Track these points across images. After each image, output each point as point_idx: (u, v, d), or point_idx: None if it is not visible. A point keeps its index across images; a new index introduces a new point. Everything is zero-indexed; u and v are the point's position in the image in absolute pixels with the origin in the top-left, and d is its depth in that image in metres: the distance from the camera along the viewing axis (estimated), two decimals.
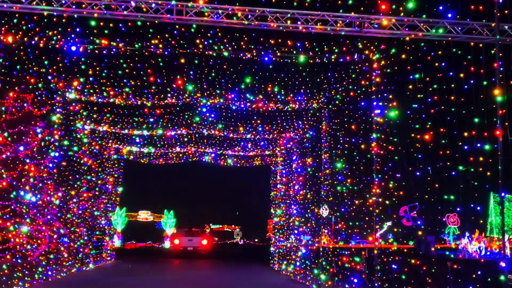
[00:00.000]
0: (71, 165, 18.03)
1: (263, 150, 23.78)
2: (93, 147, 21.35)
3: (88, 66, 12.39)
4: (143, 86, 13.42)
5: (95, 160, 21.61)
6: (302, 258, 18.53)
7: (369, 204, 11.57)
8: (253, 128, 18.06)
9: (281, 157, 23.59)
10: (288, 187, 21.75)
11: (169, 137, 20.93)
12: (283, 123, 17.49)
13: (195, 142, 22.55)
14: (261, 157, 26.09)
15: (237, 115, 17.10)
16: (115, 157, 25.50)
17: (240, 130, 18.48)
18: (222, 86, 13.38)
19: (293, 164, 20.78)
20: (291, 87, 13.15)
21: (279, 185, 25.25)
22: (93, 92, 14.29)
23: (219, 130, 19.34)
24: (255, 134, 19.37)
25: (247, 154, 25.24)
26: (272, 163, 26.76)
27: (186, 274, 21.49)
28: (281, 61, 11.58)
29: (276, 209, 25.60)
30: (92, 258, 22.19)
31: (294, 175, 20.40)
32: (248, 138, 20.92)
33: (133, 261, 27.67)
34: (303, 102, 15.02)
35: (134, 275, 19.55)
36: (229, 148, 23.14)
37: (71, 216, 18.15)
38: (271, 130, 18.63)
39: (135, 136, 21.09)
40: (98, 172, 22.10)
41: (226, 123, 17.62)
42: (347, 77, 12.61)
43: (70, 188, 18.10)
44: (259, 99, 14.28)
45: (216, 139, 21.58)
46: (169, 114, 17.04)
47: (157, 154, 25.99)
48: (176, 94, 14.47)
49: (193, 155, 26.66)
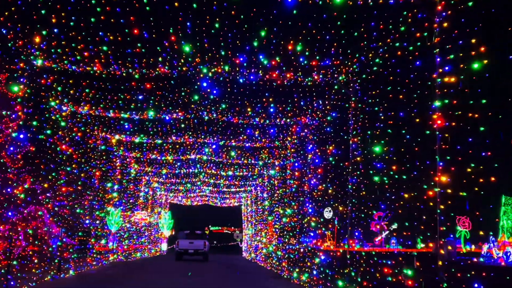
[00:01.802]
0: (43, 151, 14.92)
1: (272, 141, 20.67)
2: (74, 134, 18.23)
3: (50, 12, 9.30)
4: (125, 43, 10.35)
5: (77, 149, 18.49)
6: (321, 266, 15.43)
7: (428, 198, 8.48)
8: (263, 108, 14.97)
9: (292, 148, 20.49)
10: (302, 182, 18.66)
11: (163, 121, 17.81)
12: (300, 101, 14.39)
13: (194, 130, 19.44)
14: (269, 149, 22.99)
15: (245, 91, 14.01)
16: (103, 148, 22.41)
17: (248, 112, 15.38)
18: (228, 44, 10.32)
19: (308, 154, 17.69)
20: (319, 44, 10.08)
21: (289, 181, 22.17)
22: (62, 53, 11.18)
23: (222, 113, 16.24)
24: (265, 118, 16.27)
25: (253, 145, 22.14)
26: (281, 156, 23.66)
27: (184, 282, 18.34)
28: (310, 2, 8.53)
29: (286, 208, 22.50)
30: (73, 263, 19.04)
31: (310, 168, 17.33)
32: (255, 124, 17.82)
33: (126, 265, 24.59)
34: (329, 71, 11.93)
35: (121, 284, 16.43)
36: (233, 137, 20.04)
37: (42, 214, 15.03)
38: (284, 112, 15.53)
39: (123, 121, 17.99)
40: (80, 163, 18.97)
41: (230, 102, 14.54)
42: (394, 30, 9.54)
43: (42, 179, 15.00)
44: (275, 64, 11.22)
45: (218, 126, 18.46)
46: (162, 89, 13.95)
47: (151, 145, 22.89)
48: (169, 59, 11.41)
49: (191, 147, 23.58)
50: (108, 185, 24.25)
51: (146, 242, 39.97)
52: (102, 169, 22.95)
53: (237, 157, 24.19)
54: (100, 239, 23.72)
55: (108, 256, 25.64)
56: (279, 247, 23.78)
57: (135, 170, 30.47)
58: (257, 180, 33.52)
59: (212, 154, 24.58)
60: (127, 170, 28.63)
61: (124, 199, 29.17)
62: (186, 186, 38.01)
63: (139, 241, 37.00)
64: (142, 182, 34.69)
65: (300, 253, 18.40)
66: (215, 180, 33.86)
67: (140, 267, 25.11)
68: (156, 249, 45.83)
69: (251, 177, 32.73)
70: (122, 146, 23.34)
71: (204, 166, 28.95)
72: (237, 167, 27.95)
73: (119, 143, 22.68)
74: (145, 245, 39.76)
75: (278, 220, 24.96)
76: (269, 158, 24.48)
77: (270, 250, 26.41)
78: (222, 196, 44.69)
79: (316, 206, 16.33)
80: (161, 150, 23.56)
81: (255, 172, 29.65)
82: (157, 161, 27.08)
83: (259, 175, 31.67)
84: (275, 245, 25.69)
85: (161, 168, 29.72)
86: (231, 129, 18.55)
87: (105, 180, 23.79)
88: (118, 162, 26.04)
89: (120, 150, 24.27)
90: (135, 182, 32.00)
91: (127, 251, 31.39)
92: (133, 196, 32.33)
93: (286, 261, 21.16)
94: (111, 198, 25.09)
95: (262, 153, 23.73)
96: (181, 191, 42.17)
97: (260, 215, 33.28)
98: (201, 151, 23.89)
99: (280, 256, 22.98)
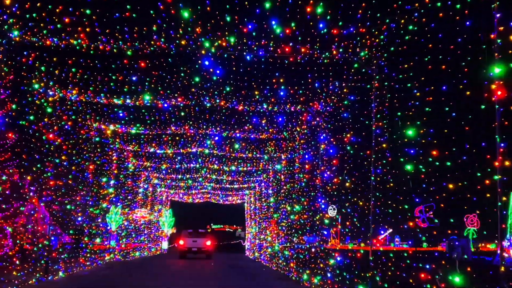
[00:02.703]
0: (26, 139, 13.30)
1: (280, 131, 19.03)
2: (64, 122, 16.60)
3: None
4: (111, 4, 8.70)
5: (66, 139, 16.87)
6: (337, 268, 13.80)
7: (483, 188, 6.83)
8: (272, 92, 13.31)
9: (302, 139, 18.83)
10: (313, 175, 17.01)
11: (161, 109, 16.17)
12: (314, 83, 12.72)
13: (195, 119, 17.80)
14: (276, 141, 21.34)
15: (252, 71, 12.34)
16: (97, 140, 20.79)
17: (255, 96, 13.71)
18: (234, 6, 8.68)
19: (320, 145, 16.05)
20: (345, 4, 8.42)
21: (297, 175, 20.52)
22: (38, 19, 9.53)
23: (226, 98, 14.60)
24: (273, 103, 14.62)
25: (259, 136, 20.50)
26: (288, 149, 22.01)
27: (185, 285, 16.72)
28: None
29: (294, 205, 20.86)
30: (63, 264, 17.46)
31: (323, 159, 15.69)
32: (263, 112, 16.17)
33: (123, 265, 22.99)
34: (351, 44, 10.26)
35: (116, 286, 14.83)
36: (237, 127, 18.40)
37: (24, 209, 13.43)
38: (296, 96, 13.86)
39: (117, 108, 16.36)
40: (71, 155, 17.35)
41: (236, 84, 12.88)
42: None
43: (25, 171, 13.39)
44: (289, 33, 9.56)
45: (221, 114, 16.82)
46: (158, 69, 12.29)
47: (148, 136, 21.27)
48: (166, 28, 9.77)
49: (192, 140, 21.95)
50: (104, 180, 22.63)
51: (146, 241, 38.37)
52: (97, 162, 21.34)
53: (242, 150, 22.54)
54: (95, 237, 22.12)
55: (104, 256, 24.05)
56: (286, 246, 22.16)
57: (133, 164, 28.86)
58: (262, 176, 31.88)
59: (214, 147, 22.95)
60: (124, 165, 27.01)
61: (121, 195, 27.55)
62: (187, 182, 36.39)
63: (138, 239, 35.39)
64: (141, 178, 33.06)
65: (311, 253, 16.76)
66: (217, 175, 32.22)
67: (139, 267, 23.51)
68: (157, 247, 44.22)
69: (255, 173, 31.11)
70: (118, 138, 21.72)
71: (206, 161, 27.32)
72: (241, 161, 26.30)
73: (114, 134, 21.06)
74: (145, 243, 38.16)
75: (285, 218, 23.34)
76: (276, 151, 22.83)
77: (276, 249, 24.79)
78: (224, 193, 43.06)
79: (330, 201, 14.69)
80: (159, 143, 21.94)
81: (259, 167, 28.00)
82: (156, 155, 25.46)
83: (264, 171, 30.04)
84: (281, 244, 24.07)
85: (160, 163, 28.11)
86: (235, 118, 16.90)
87: (100, 174, 22.17)
88: (114, 155, 24.43)
89: (116, 143, 22.65)
90: (133, 178, 30.37)
91: (125, 250, 29.80)
92: (132, 193, 30.71)
93: (295, 262, 19.53)
94: (107, 194, 23.47)
95: (268, 146, 22.08)
96: (182, 187, 40.58)
97: (265, 213, 31.64)
98: (202, 143, 22.27)
99: (287, 256, 21.35)
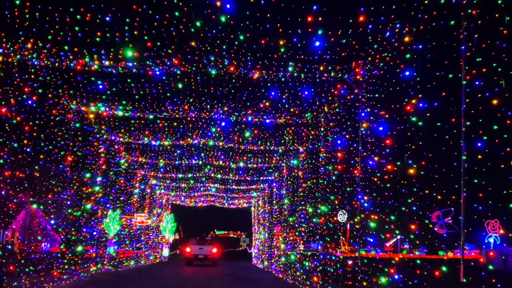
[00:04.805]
0: None
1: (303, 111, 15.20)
2: (26, 95, 12.78)
3: None
4: None
5: (30, 118, 13.08)
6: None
7: None
8: (302, 41, 9.51)
9: (332, 121, 14.98)
10: (350, 165, 13.10)
11: (152, 78, 12.35)
12: (366, 26, 8.89)
13: (196, 95, 14.00)
14: (295, 127, 17.48)
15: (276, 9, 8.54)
16: (78, 126, 17.01)
17: (279, 49, 9.88)
18: None
19: (361, 123, 12.19)
20: None
21: (323, 169, 16.67)
22: None
23: (237, 57, 10.80)
24: (303, 62, 10.81)
25: (275, 121, 16.66)
26: (309, 139, 18.18)
27: None
28: None
29: (318, 205, 16.99)
30: (26, 279, 13.60)
31: (366, 142, 11.86)
32: (285, 80, 12.34)
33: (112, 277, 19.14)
34: None
35: None
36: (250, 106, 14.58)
37: None
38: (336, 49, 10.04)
39: (94, 76, 12.56)
40: (36, 139, 13.51)
41: (252, 27, 9.08)
42: None
43: None
44: None
45: (230, 86, 12.98)
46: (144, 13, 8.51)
47: (140, 122, 17.47)
48: None
49: (193, 126, 18.12)
50: (87, 175, 18.82)
51: (143, 248, 34.47)
52: (78, 153, 17.55)
53: (253, 139, 18.70)
54: (76, 245, 18.26)
55: (89, 267, 20.17)
56: (307, 255, 18.27)
57: (126, 160, 25.04)
58: (273, 175, 28.00)
59: (220, 137, 19.10)
60: (115, 160, 23.21)
61: (111, 196, 23.71)
62: (189, 182, 32.53)
63: (134, 246, 31.48)
64: (136, 177, 29.20)
65: (347, 266, 12.85)
66: (222, 174, 28.35)
67: (132, 280, 19.64)
68: (156, 255, 40.25)
69: (265, 171, 27.23)
70: (104, 124, 17.92)
71: (210, 156, 23.46)
72: (251, 156, 22.43)
73: (98, 119, 17.28)
74: (142, 251, 34.25)
75: (305, 221, 19.48)
76: (294, 141, 18.98)
77: (293, 259, 20.88)
78: (230, 195, 39.14)
79: (378, 197, 10.84)
80: (154, 130, 18.14)
81: (272, 163, 24.13)
82: (152, 147, 21.65)
83: (276, 168, 26.18)
84: (299, 252, 20.17)
85: (157, 158, 24.27)
86: (248, 91, 13.06)
87: (82, 169, 18.37)
88: (102, 148, 20.63)
89: (102, 130, 18.85)
90: (127, 176, 26.53)
91: (118, 258, 25.90)
92: (125, 193, 26.86)
93: (320, 276, 15.64)
94: (91, 193, 19.61)
95: (285, 134, 18.22)
96: (184, 189, 36.75)
97: (277, 217, 27.73)
98: (206, 131, 18.44)
99: (309, 268, 17.46)
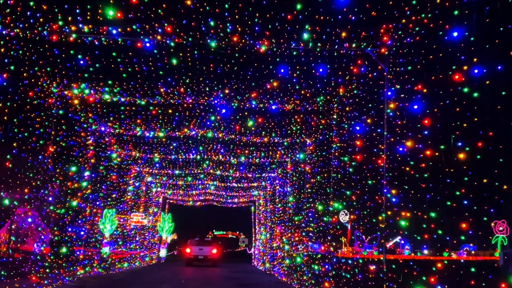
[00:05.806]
0: None
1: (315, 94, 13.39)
2: None
3: None
4: None
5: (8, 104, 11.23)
6: None
7: None
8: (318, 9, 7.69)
9: (348, 105, 13.16)
10: (372, 154, 11.28)
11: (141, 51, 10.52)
12: None
13: (193, 73, 12.18)
14: (304, 114, 15.68)
15: None
16: (61, 113, 15.19)
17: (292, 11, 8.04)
18: None
19: (387, 103, 10.39)
20: None
21: (335, 161, 14.87)
22: None
23: (242, 23, 8.98)
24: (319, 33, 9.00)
25: (283, 107, 14.84)
26: (319, 128, 16.39)
27: None
28: None
29: (330, 202, 15.18)
30: None
31: (393, 125, 10.05)
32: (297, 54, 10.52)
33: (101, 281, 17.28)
34: None
35: None
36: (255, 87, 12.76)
37: None
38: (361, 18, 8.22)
39: (75, 50, 10.72)
40: (8, 124, 11.67)
41: None
42: None
43: None
44: None
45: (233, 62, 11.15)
46: None
47: (131, 108, 15.64)
48: None
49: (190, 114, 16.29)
50: (73, 169, 16.98)
51: (137, 249, 32.63)
52: (61, 144, 15.72)
53: (256, 129, 16.88)
54: (59, 246, 16.41)
55: (76, 270, 18.31)
56: (316, 258, 16.47)
57: (118, 155, 23.22)
58: (276, 171, 26.19)
59: (220, 126, 17.28)
60: (106, 154, 21.36)
61: (102, 192, 21.87)
62: (186, 179, 30.69)
63: (127, 247, 29.65)
64: (130, 173, 27.34)
65: (368, 272, 11.01)
66: (222, 170, 26.53)
67: (122, 284, 17.77)
68: (152, 256, 38.39)
69: (268, 167, 25.42)
70: (91, 112, 16.10)
71: (209, 149, 21.64)
72: (254, 149, 20.62)
73: (84, 105, 15.45)
74: (137, 251, 32.41)
75: (313, 221, 17.67)
76: (301, 131, 17.17)
77: (299, 261, 19.06)
78: (229, 194, 37.31)
79: (411, 189, 9.03)
80: (146, 118, 16.31)
81: (276, 157, 22.32)
82: (146, 139, 19.82)
83: (280, 164, 24.39)
84: (306, 255, 18.36)
85: (152, 152, 22.45)
86: (253, 68, 11.23)
87: (66, 162, 16.54)
88: (90, 139, 18.79)
89: (90, 119, 17.02)
90: (119, 172, 24.69)
91: (108, 260, 24.04)
92: (117, 190, 25.03)
93: (333, 282, 13.82)
94: (78, 188, 17.76)
95: (293, 123, 16.41)
96: (181, 187, 34.91)
97: (280, 216, 25.93)
98: (204, 120, 16.62)
99: (318, 272, 15.66)
